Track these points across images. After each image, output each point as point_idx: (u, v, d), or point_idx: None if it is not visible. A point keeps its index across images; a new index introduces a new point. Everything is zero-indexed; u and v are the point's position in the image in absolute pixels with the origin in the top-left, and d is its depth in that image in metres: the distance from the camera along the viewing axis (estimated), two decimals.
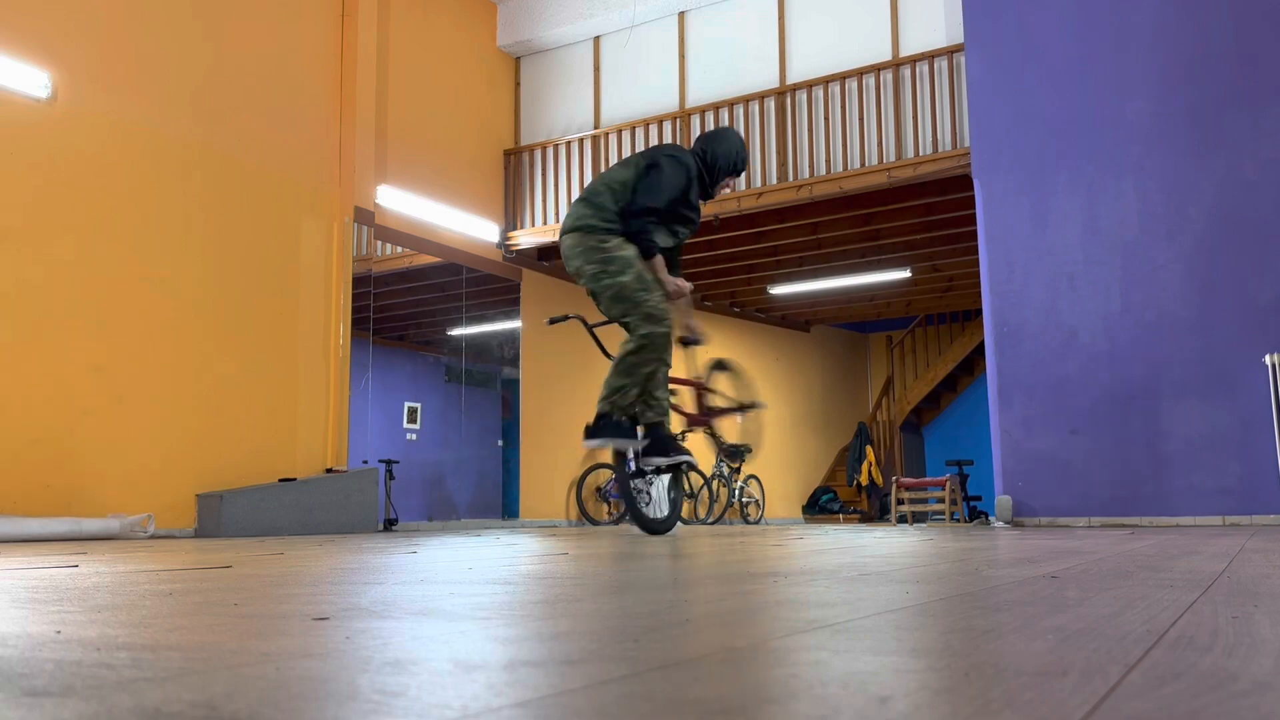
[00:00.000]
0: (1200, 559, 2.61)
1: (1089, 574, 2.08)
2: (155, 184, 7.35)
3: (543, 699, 0.74)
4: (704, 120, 9.67)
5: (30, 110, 6.67)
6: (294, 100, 8.45)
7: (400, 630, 1.18)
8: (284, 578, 2.17)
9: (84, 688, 0.79)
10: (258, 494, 7.42)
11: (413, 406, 9.60)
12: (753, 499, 12.99)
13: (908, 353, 16.17)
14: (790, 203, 9.12)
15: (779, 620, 1.26)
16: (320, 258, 8.54)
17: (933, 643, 1.04)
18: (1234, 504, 6.79)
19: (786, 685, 0.79)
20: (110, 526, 6.47)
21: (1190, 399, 6.97)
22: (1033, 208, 7.57)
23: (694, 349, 5.41)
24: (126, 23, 7.29)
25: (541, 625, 1.22)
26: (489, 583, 1.98)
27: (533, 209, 10.47)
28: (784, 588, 1.78)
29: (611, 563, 2.68)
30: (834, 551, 3.26)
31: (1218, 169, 7.04)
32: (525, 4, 10.65)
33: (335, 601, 1.58)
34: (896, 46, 8.90)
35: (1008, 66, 7.77)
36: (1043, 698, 0.74)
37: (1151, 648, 1.00)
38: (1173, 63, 7.24)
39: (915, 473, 15.87)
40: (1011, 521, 7.37)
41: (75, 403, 6.73)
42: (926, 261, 11.54)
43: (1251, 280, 6.89)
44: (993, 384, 7.63)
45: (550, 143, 10.45)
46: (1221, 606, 1.41)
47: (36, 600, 1.65)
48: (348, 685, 0.80)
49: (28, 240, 6.59)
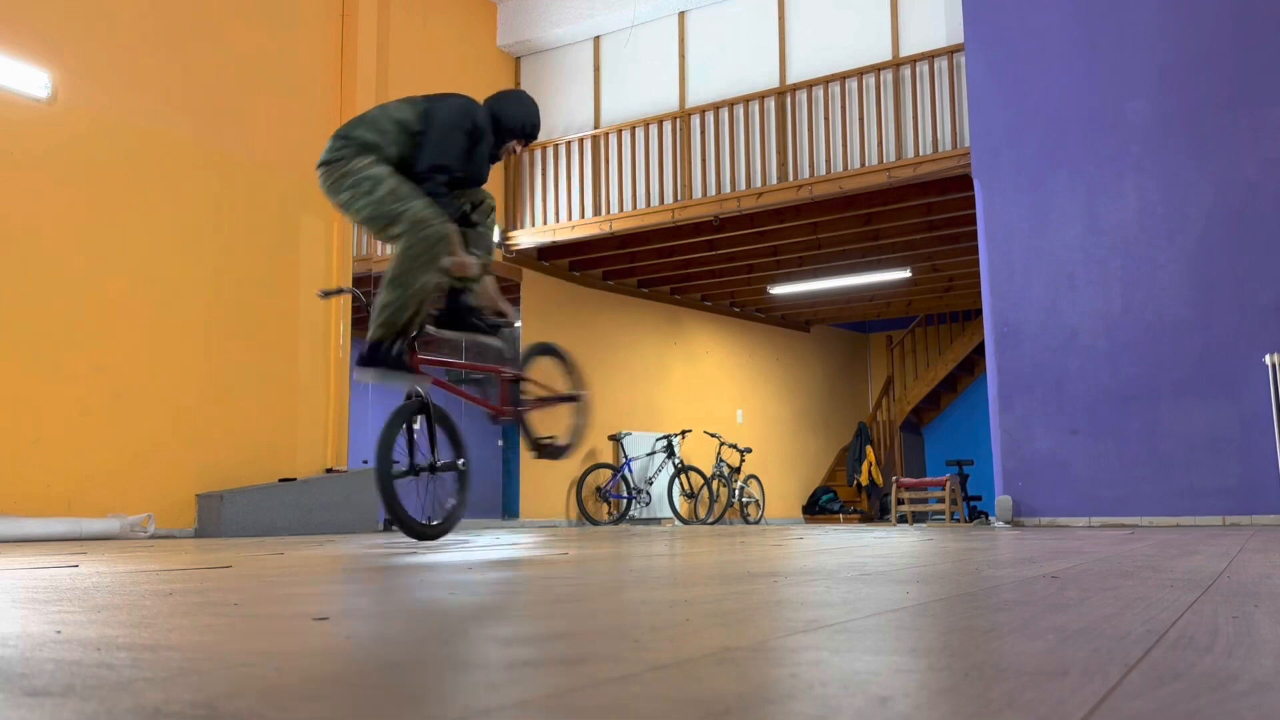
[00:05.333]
0: (1200, 559, 2.61)
1: (1089, 574, 2.08)
2: (155, 184, 7.35)
3: (543, 699, 0.74)
4: (704, 120, 9.67)
5: (30, 110, 6.67)
6: (294, 100, 8.44)
7: (400, 630, 1.18)
8: (284, 578, 2.17)
9: (84, 688, 0.79)
10: (258, 494, 7.41)
11: None
12: (752, 499, 12.99)
13: (908, 353, 16.17)
14: (790, 203, 9.12)
15: (779, 620, 1.26)
16: (320, 258, 8.54)
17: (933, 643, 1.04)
18: (1234, 504, 6.79)
19: (786, 685, 0.79)
20: (110, 526, 6.47)
21: (1190, 399, 6.97)
22: (1033, 208, 7.57)
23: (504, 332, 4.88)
24: (126, 23, 7.29)
25: (541, 625, 1.22)
26: (489, 583, 1.98)
27: (533, 209, 10.47)
28: (784, 588, 1.78)
29: (611, 562, 2.68)
30: (834, 551, 3.26)
31: (1218, 169, 7.04)
32: (525, 4, 10.65)
33: (335, 601, 1.58)
34: (896, 46, 8.90)
35: (1008, 66, 7.77)
36: (1043, 698, 0.74)
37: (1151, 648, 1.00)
38: (1173, 63, 7.23)
39: (915, 473, 15.87)
40: (1011, 521, 7.37)
41: (75, 403, 6.73)
42: (926, 261, 11.54)
43: (1251, 280, 6.89)
44: (993, 384, 7.63)
45: (550, 143, 10.44)
46: (1221, 606, 1.41)
47: (36, 600, 1.65)
48: (348, 685, 0.80)
49: (28, 240, 6.59)
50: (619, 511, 11.37)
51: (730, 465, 12.67)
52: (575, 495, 11.00)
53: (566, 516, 11.05)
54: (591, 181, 10.13)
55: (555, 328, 11.07)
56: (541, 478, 10.74)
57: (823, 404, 16.02)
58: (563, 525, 10.56)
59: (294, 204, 8.35)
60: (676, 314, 13.12)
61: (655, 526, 10.23)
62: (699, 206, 9.47)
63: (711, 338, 13.74)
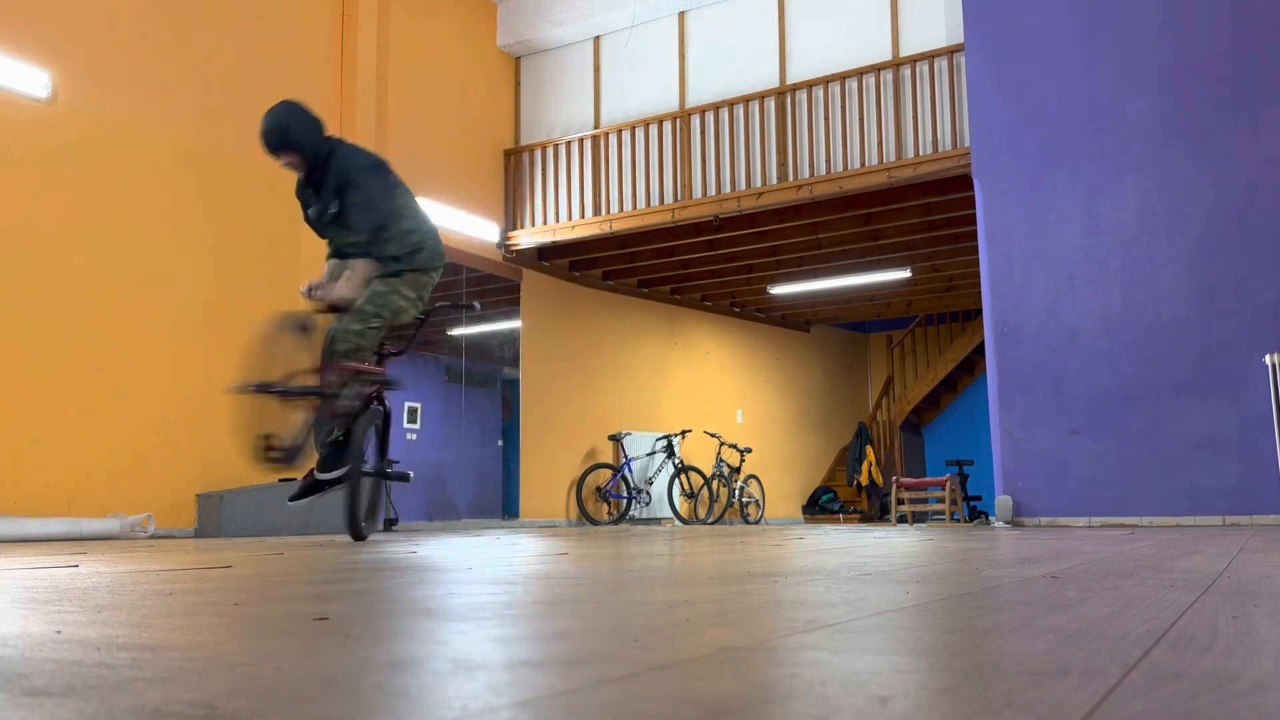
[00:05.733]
0: (1200, 559, 2.61)
1: (1089, 574, 2.08)
2: (155, 184, 7.35)
3: (543, 699, 0.74)
4: (704, 120, 9.67)
5: (30, 110, 6.67)
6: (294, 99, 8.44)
7: (400, 630, 1.18)
8: (284, 578, 2.17)
9: (84, 688, 0.79)
10: (258, 494, 7.41)
11: (413, 406, 9.60)
12: (753, 499, 12.99)
13: (908, 353, 16.16)
14: (790, 203, 9.12)
15: (779, 620, 1.26)
16: (320, 258, 8.54)
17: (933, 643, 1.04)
18: (1234, 504, 6.79)
19: (786, 685, 0.79)
20: (110, 526, 6.47)
21: (1190, 399, 6.97)
22: (1033, 208, 7.57)
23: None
24: (126, 23, 7.29)
25: (541, 625, 1.22)
26: (489, 582, 1.98)
27: (533, 209, 10.47)
28: (784, 588, 1.78)
29: (611, 562, 2.68)
30: (834, 551, 3.26)
31: (1218, 169, 7.04)
32: (525, 4, 10.65)
33: (335, 601, 1.58)
34: (896, 46, 8.90)
35: (1008, 66, 7.77)
36: (1043, 698, 0.74)
37: (1151, 648, 1.00)
38: (1173, 63, 7.23)
39: (915, 473, 15.87)
40: (1011, 521, 7.37)
41: (75, 403, 6.72)
42: (926, 261, 11.54)
43: (1251, 280, 6.89)
44: (993, 384, 7.63)
45: (550, 143, 10.44)
46: (1221, 606, 1.41)
47: (36, 600, 1.65)
48: (348, 685, 0.80)
49: (28, 240, 6.59)
50: (619, 511, 11.37)
51: (730, 465, 12.67)
52: (575, 495, 10.99)
53: (566, 516, 11.05)
54: (591, 181, 10.13)
55: (555, 328, 11.08)
56: (541, 478, 10.74)
57: (823, 404, 16.02)
58: (563, 525, 10.56)
59: (293, 204, 8.33)
60: (676, 314, 13.12)
61: (655, 527, 10.23)
62: (699, 206, 9.47)
63: (711, 338, 13.73)
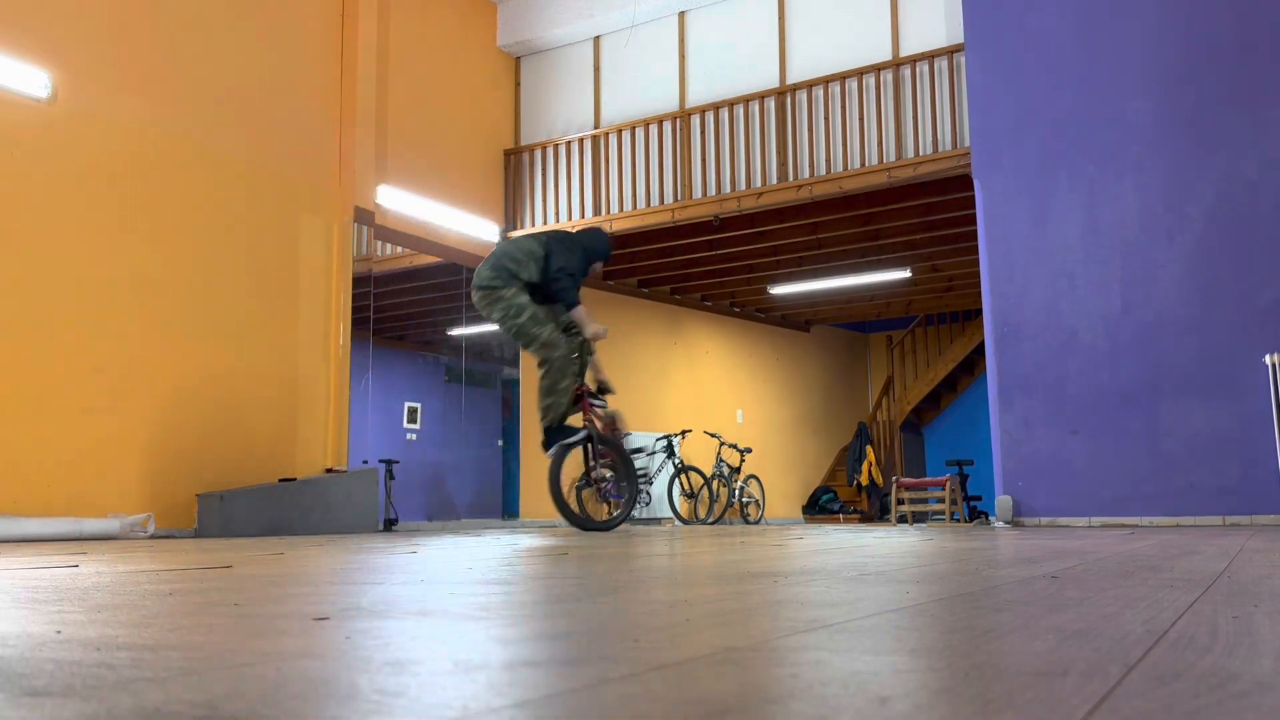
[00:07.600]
0: (1200, 559, 2.61)
1: (1089, 574, 2.08)
2: (155, 184, 7.35)
3: (543, 699, 0.74)
4: (704, 120, 9.67)
5: (30, 110, 6.67)
6: (294, 100, 8.45)
7: (400, 630, 1.18)
8: (284, 578, 2.17)
9: (84, 688, 0.79)
10: (258, 494, 7.41)
11: (413, 406, 9.60)
12: (753, 499, 12.98)
13: (908, 353, 16.16)
14: (790, 203, 9.12)
15: (779, 620, 1.26)
16: (320, 258, 8.54)
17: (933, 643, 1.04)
18: (1234, 504, 6.79)
19: (786, 685, 0.79)
20: (110, 526, 6.46)
21: (1190, 399, 6.97)
22: (1033, 208, 7.57)
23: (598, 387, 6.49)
24: (126, 23, 7.29)
25: (541, 625, 1.22)
26: (489, 583, 1.98)
27: (533, 209, 10.47)
28: (784, 588, 1.78)
29: (611, 562, 2.68)
30: (834, 551, 3.26)
31: (1218, 169, 7.04)
32: (525, 4, 10.64)
33: (335, 602, 1.58)
34: (896, 46, 8.89)
35: (1008, 66, 7.77)
36: (1043, 698, 0.74)
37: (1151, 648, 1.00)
38: (1173, 63, 7.23)
39: (915, 473, 15.87)
40: (1011, 521, 7.37)
41: (75, 403, 6.72)
42: (926, 261, 11.54)
43: (1251, 280, 6.89)
44: (993, 384, 7.63)
45: (550, 143, 10.44)
46: (1221, 606, 1.41)
47: (36, 600, 1.65)
48: (348, 685, 0.80)
49: (28, 240, 6.59)
50: (619, 511, 11.36)
51: (730, 465, 12.66)
52: (575, 496, 10.98)
53: None
54: (591, 181, 10.13)
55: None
56: (541, 478, 10.72)
57: (823, 404, 16.01)
58: (563, 525, 10.56)
59: (294, 204, 8.35)
60: (676, 314, 13.12)
61: (655, 526, 10.23)
62: (699, 206, 9.47)
63: (711, 338, 13.73)
